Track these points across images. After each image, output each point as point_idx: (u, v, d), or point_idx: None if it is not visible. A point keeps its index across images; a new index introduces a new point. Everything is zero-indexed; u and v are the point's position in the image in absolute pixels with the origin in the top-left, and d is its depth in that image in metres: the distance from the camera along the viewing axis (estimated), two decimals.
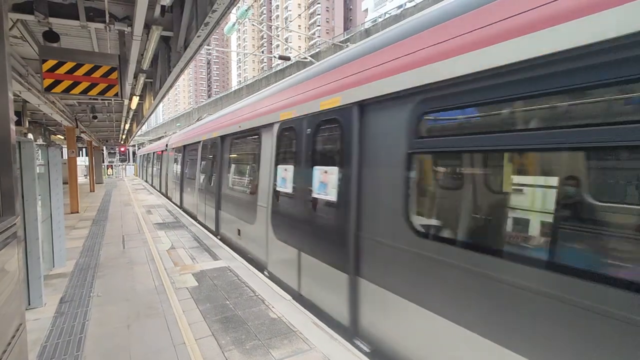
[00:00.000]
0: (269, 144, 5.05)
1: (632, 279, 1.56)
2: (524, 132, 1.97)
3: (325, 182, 3.61)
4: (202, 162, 9.03)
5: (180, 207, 11.86)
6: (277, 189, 4.67)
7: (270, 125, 4.98)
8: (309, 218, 3.93)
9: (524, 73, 1.92)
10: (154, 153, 20.75)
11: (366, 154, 3.10)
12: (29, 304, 3.81)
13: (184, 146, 11.29)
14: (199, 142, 9.27)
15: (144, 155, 28.60)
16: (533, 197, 2.06)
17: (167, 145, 15.47)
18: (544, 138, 1.86)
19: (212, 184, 7.86)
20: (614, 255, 1.69)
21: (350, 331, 3.22)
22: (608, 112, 1.71)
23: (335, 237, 3.45)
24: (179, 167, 12.26)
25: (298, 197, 4.16)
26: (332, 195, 3.50)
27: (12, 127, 2.38)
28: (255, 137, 5.57)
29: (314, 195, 3.80)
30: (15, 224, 2.34)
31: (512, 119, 2.07)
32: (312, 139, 3.93)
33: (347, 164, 3.29)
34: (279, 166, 4.68)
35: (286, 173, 4.45)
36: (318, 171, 3.77)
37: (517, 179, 2.14)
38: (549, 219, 1.95)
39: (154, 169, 19.75)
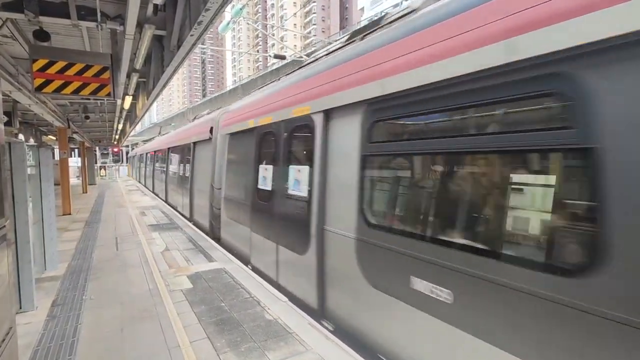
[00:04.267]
0: None
1: None
2: None
3: None
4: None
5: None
6: None
7: None
8: None
9: None
10: (146, 153, 20.52)
11: None
12: (20, 308, 3.75)
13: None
14: None
15: (140, 154, 25.70)
16: None
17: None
18: None
19: None
20: None
21: None
22: None
23: None
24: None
25: None
26: None
27: (1, 127, 2.33)
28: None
29: None
30: (4, 226, 2.29)
31: None
32: None
33: None
34: None
35: None
36: None
37: None
38: None
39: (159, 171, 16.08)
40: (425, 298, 2.51)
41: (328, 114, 3.64)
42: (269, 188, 4.81)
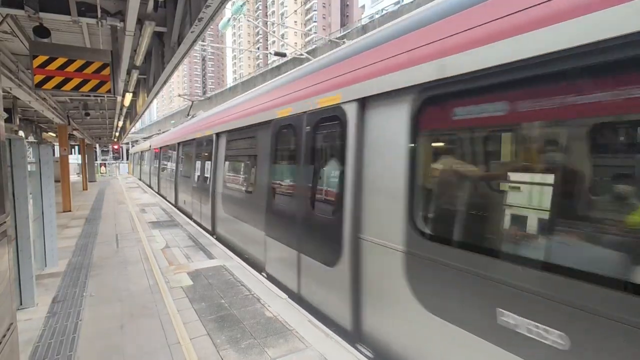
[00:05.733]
0: None
1: None
2: None
3: None
4: None
5: None
6: None
7: None
8: None
9: None
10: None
11: None
12: (21, 304, 3.75)
13: None
14: None
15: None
16: None
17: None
18: None
19: None
20: None
21: None
22: None
23: None
24: None
25: None
26: None
27: (2, 124, 2.33)
28: None
29: None
30: (5, 222, 2.29)
31: None
32: None
33: None
34: None
35: None
36: None
37: None
38: None
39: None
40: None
41: (218, 134, 7.29)
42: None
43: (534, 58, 1.81)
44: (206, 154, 8.02)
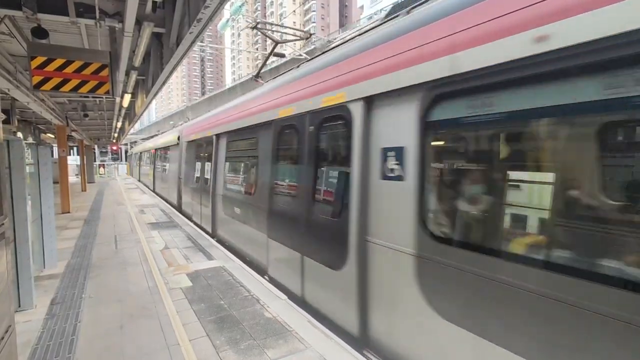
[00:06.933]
0: None
1: None
2: None
3: None
4: None
5: None
6: None
7: None
8: None
9: None
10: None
11: None
12: (19, 306, 3.74)
13: None
14: None
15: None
16: None
17: None
18: None
19: None
20: None
21: None
22: None
23: None
24: None
25: None
26: None
27: (0, 125, 2.32)
28: None
29: None
30: (3, 224, 2.29)
31: None
32: None
33: None
34: None
35: None
36: None
37: None
38: None
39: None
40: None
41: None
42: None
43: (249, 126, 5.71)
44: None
